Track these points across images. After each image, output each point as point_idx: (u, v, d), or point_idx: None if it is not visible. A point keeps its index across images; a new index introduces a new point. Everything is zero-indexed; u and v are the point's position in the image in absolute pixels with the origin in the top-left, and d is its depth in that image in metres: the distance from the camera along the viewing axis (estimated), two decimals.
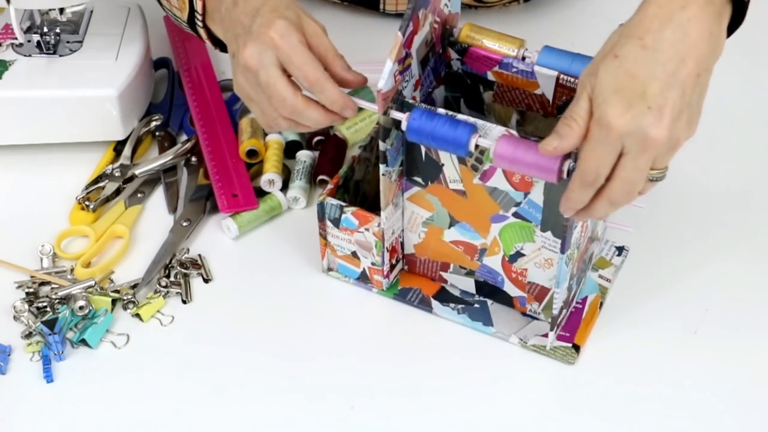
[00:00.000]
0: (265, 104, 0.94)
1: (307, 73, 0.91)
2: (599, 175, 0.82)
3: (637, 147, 0.81)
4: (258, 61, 0.92)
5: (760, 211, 1.11)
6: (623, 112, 0.80)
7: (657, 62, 0.80)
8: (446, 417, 0.95)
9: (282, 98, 0.92)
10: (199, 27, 1.04)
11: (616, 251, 1.06)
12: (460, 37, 0.99)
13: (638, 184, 0.82)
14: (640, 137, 0.80)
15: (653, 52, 0.81)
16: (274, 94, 0.92)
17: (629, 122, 0.80)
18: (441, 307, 1.02)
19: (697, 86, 0.82)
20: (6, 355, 0.99)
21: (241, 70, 0.94)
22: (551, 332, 0.98)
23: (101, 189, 1.13)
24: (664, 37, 0.81)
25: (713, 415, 0.95)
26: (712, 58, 0.83)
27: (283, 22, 0.92)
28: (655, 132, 0.80)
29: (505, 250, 0.98)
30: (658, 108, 0.80)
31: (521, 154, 0.87)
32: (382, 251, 1.00)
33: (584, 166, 0.82)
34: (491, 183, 0.94)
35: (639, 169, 0.81)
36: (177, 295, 1.04)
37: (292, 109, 0.93)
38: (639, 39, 0.81)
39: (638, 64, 0.80)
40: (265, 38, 0.91)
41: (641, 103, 0.80)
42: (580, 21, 1.33)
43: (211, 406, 0.96)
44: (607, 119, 0.80)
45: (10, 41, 1.16)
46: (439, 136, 0.90)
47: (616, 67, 0.81)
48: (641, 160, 0.81)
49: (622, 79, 0.80)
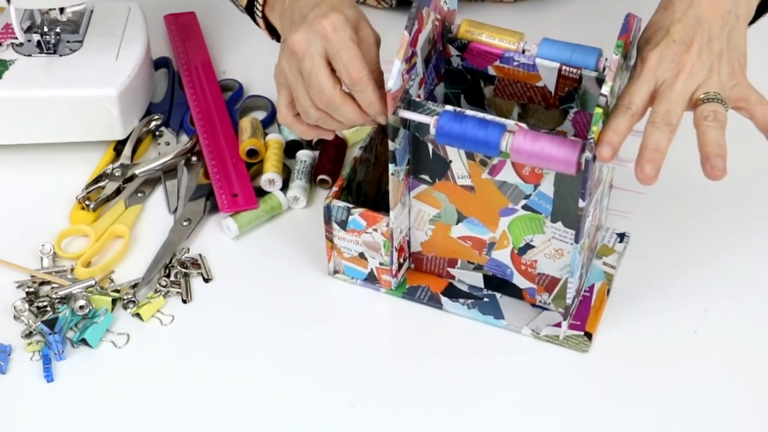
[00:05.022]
0: (302, 92, 0.93)
1: (351, 71, 0.90)
2: (632, 102, 0.88)
3: (668, 74, 0.89)
4: (305, 47, 0.92)
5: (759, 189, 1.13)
6: (653, 48, 0.90)
7: (677, 12, 0.92)
8: (467, 412, 0.94)
9: (321, 88, 0.91)
10: (258, 17, 1.06)
11: (618, 238, 1.07)
12: (459, 33, 0.99)
13: (675, 108, 0.88)
14: (669, 65, 0.89)
15: (672, 7, 0.93)
16: (315, 83, 0.91)
17: (657, 53, 0.90)
18: (451, 303, 1.02)
19: (725, 25, 0.91)
20: (6, 355, 0.99)
21: (286, 54, 0.94)
22: (564, 321, 0.98)
23: (101, 189, 1.12)
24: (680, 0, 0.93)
25: (731, 394, 0.95)
26: (734, 4, 0.92)
27: (339, 16, 0.91)
28: (683, 58, 0.89)
29: (515, 242, 0.98)
30: (682, 41, 0.90)
31: (539, 147, 0.87)
32: (391, 251, 1.00)
33: (621, 95, 0.90)
34: (500, 177, 0.94)
35: (675, 92, 0.88)
36: (177, 294, 1.04)
37: (329, 101, 0.92)
38: (663, 8, 0.94)
39: (662, 19, 0.92)
40: (318, 27, 0.91)
41: (667, 39, 0.90)
42: (568, 14, 1.34)
43: (211, 406, 0.95)
44: (642, 55, 0.91)
45: (11, 41, 1.16)
46: (470, 138, 0.90)
47: (646, 31, 0.93)
48: (675, 85, 0.89)
49: (649, 33, 0.92)
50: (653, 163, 0.85)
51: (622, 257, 1.06)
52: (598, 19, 1.31)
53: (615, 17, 0.98)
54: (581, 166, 0.87)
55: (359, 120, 0.93)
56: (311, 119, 0.95)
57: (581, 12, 1.34)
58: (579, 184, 0.88)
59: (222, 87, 1.23)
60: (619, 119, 0.88)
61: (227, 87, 1.24)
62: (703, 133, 0.86)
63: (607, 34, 1.04)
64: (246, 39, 1.30)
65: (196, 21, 1.32)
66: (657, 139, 0.86)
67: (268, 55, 1.10)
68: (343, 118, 0.93)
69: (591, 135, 0.86)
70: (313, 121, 0.95)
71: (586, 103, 0.98)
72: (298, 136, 1.17)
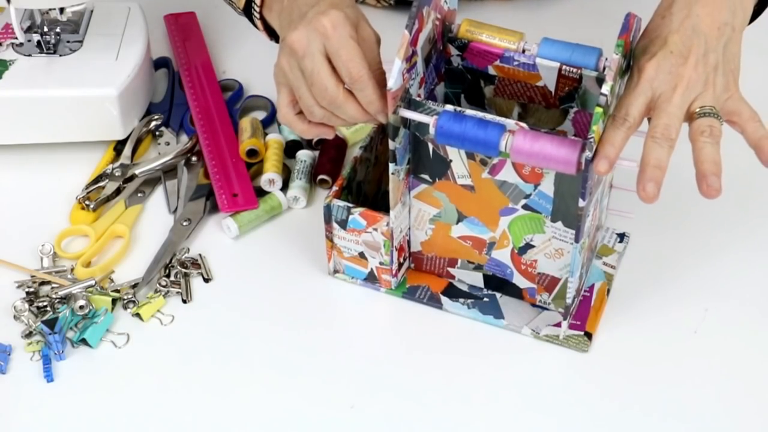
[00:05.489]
0: (304, 90, 0.93)
1: (351, 69, 0.90)
2: (628, 114, 0.88)
3: (665, 87, 0.89)
4: (305, 46, 0.91)
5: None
6: (650, 58, 0.90)
7: (674, 21, 0.91)
8: (467, 411, 0.94)
9: (324, 87, 0.91)
10: (255, 18, 1.06)
11: (618, 238, 1.07)
12: (460, 33, 0.99)
13: (674, 122, 0.88)
14: (666, 77, 0.89)
15: (669, 16, 0.92)
16: (317, 82, 0.91)
17: (654, 64, 0.89)
18: (451, 303, 1.02)
19: (721, 36, 0.91)
20: (6, 355, 0.99)
21: (286, 53, 0.93)
22: (564, 321, 0.98)
23: (101, 188, 1.12)
24: (677, 9, 0.92)
25: (731, 394, 0.95)
26: (731, 16, 0.92)
27: (339, 14, 0.91)
28: (680, 70, 0.89)
29: (515, 242, 0.98)
30: (679, 52, 0.89)
31: (539, 147, 0.87)
32: (391, 250, 1.00)
33: (618, 105, 0.90)
34: (500, 176, 0.94)
35: (673, 105, 0.88)
36: (177, 294, 1.04)
37: (332, 100, 0.92)
38: (660, 17, 0.93)
39: (659, 28, 0.92)
40: (317, 25, 0.91)
41: (664, 50, 0.90)
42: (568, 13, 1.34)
43: (211, 406, 0.95)
44: (638, 65, 0.90)
45: (11, 41, 1.16)
46: (469, 137, 0.90)
47: (642, 39, 0.93)
48: (673, 98, 0.88)
49: (646, 41, 0.92)
50: (655, 181, 0.86)
51: (622, 257, 1.06)
52: (598, 18, 1.31)
53: (615, 17, 0.98)
54: (581, 165, 0.87)
55: (362, 118, 0.93)
56: (316, 117, 0.95)
57: (581, 11, 1.34)
58: (579, 184, 0.88)
59: (222, 87, 1.23)
60: (616, 132, 0.87)
61: (227, 87, 1.24)
62: (699, 150, 0.86)
63: (607, 33, 1.04)
64: (246, 39, 1.30)
65: (196, 21, 1.32)
66: (658, 155, 0.86)
67: (268, 55, 1.10)
68: (347, 116, 0.93)
69: (591, 134, 0.86)
70: (318, 119, 0.95)
71: (586, 103, 0.98)
72: (298, 135, 1.17)
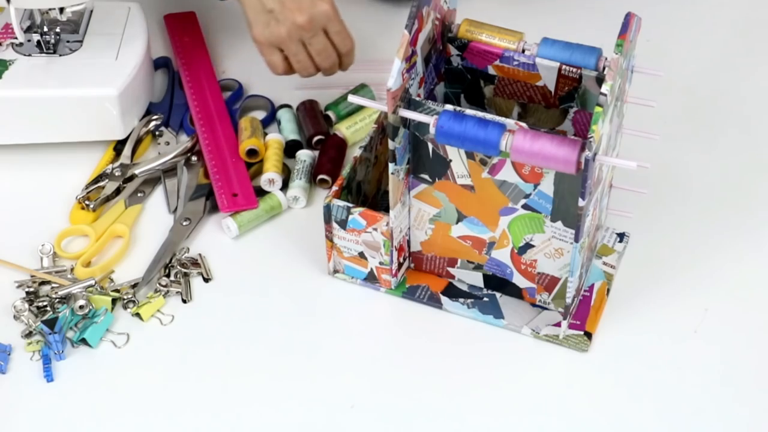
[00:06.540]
0: (304, 56, 1.14)
1: (347, 43, 1.15)
2: None
3: None
4: (313, 26, 1.11)
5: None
6: None
7: None
8: (467, 411, 0.95)
9: (331, 57, 1.15)
10: None
11: (618, 238, 1.07)
12: (459, 33, 0.99)
13: None
14: None
15: None
16: (328, 55, 1.14)
17: None
18: (450, 302, 1.02)
19: None
20: (6, 355, 0.99)
21: (294, 28, 1.10)
22: (564, 321, 0.98)
23: (101, 188, 1.12)
24: None
25: (731, 393, 0.95)
26: None
27: None
28: None
29: (514, 242, 0.98)
30: None
31: (539, 146, 0.87)
32: (391, 250, 1.00)
33: None
34: (500, 176, 0.94)
35: None
36: (177, 294, 1.04)
37: (333, 63, 1.15)
38: None
39: None
40: (321, 8, 1.10)
41: None
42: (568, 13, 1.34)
43: (211, 405, 0.95)
44: None
45: (10, 41, 1.16)
46: (469, 137, 0.90)
47: None
48: None
49: None
50: None
51: (622, 257, 1.06)
52: (598, 18, 1.31)
53: (615, 16, 0.98)
54: (581, 165, 0.87)
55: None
56: (307, 73, 1.16)
57: (581, 11, 1.34)
58: (579, 184, 0.88)
59: (222, 87, 1.23)
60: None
61: (227, 87, 1.24)
62: None
63: (607, 33, 1.04)
64: (246, 39, 1.30)
65: (196, 21, 1.32)
66: None
67: None
68: (333, 71, 1.17)
69: (591, 134, 0.86)
70: (308, 74, 1.16)
71: (586, 103, 0.98)
72: (298, 135, 1.17)
